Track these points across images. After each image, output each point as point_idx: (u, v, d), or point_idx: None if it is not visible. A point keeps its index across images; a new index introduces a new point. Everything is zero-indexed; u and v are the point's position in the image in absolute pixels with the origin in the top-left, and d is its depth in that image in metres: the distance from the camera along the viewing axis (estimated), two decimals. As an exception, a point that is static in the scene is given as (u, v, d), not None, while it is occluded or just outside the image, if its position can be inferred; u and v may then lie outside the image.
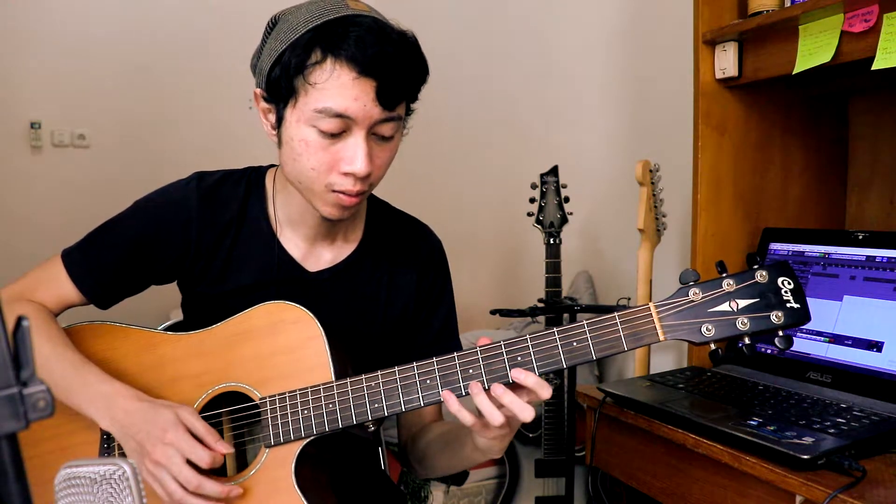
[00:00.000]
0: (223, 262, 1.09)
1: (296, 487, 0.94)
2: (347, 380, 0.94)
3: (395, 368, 0.93)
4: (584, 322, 0.88)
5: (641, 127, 2.38)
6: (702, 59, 1.47)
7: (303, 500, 0.93)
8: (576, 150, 2.56)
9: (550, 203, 2.00)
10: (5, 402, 0.40)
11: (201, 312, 1.09)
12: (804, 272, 1.37)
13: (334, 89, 0.91)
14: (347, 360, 1.01)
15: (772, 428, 1.05)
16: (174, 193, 1.09)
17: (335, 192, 0.97)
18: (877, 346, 1.21)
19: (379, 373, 0.93)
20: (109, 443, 1.02)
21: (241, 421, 1.02)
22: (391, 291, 1.13)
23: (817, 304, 1.30)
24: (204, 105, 2.33)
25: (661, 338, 0.86)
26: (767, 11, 1.35)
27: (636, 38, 2.39)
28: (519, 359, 0.88)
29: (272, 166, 1.14)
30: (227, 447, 0.93)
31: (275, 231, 1.09)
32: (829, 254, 1.34)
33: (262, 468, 0.96)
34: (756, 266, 0.86)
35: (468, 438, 0.99)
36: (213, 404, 1.01)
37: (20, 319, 0.41)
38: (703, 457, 1.11)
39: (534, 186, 2.02)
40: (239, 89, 2.26)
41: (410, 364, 0.92)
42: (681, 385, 1.31)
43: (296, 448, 0.95)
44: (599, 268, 2.58)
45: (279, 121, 0.98)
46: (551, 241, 1.99)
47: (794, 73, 1.28)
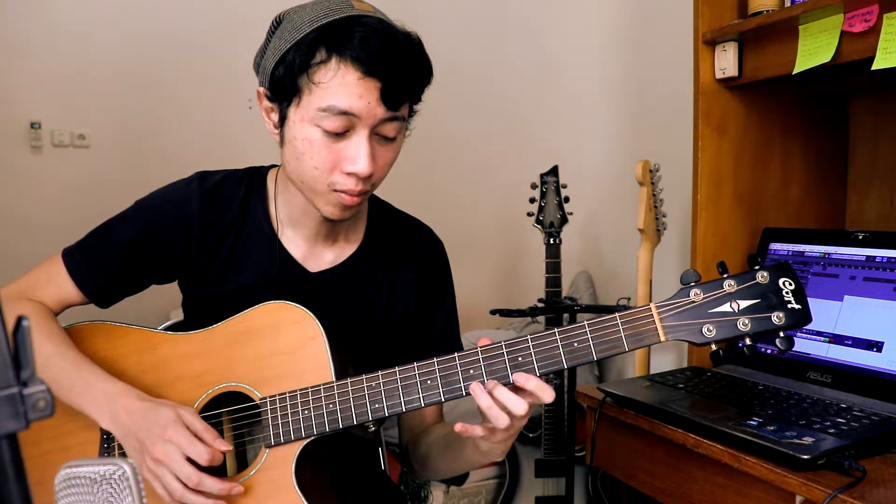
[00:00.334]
0: (224, 262, 1.08)
1: (296, 487, 0.93)
2: (348, 380, 0.94)
3: (396, 369, 0.93)
4: (585, 322, 0.87)
5: (641, 127, 2.37)
6: (702, 59, 1.47)
7: (303, 500, 0.93)
8: (576, 150, 2.56)
9: (550, 203, 2.00)
10: (5, 402, 0.40)
11: (202, 312, 1.09)
12: (804, 272, 1.36)
13: (339, 88, 0.91)
14: (348, 361, 1.01)
15: (772, 428, 1.05)
16: (175, 193, 1.09)
17: (337, 192, 0.97)
18: (877, 346, 1.21)
19: (379, 373, 0.93)
20: (109, 443, 1.02)
21: (241, 421, 1.01)
22: (392, 292, 1.13)
23: (817, 304, 1.30)
24: (204, 105, 2.33)
25: (663, 338, 0.86)
26: (767, 11, 1.35)
27: (636, 38, 2.39)
28: (520, 359, 0.88)
29: (273, 166, 1.14)
30: (226, 444, 0.93)
31: (276, 231, 1.09)
32: (829, 254, 1.34)
33: (262, 468, 0.96)
34: (757, 267, 0.86)
35: (470, 440, 0.99)
36: (213, 404, 1.01)
37: (20, 319, 0.41)
38: (703, 457, 1.11)
39: (534, 186, 2.02)
40: (239, 89, 2.27)
41: (411, 364, 0.92)
42: (681, 385, 1.31)
43: (296, 448, 0.95)
44: (599, 268, 2.58)
45: (282, 120, 0.97)
46: (551, 241, 1.99)
47: (794, 73, 1.28)
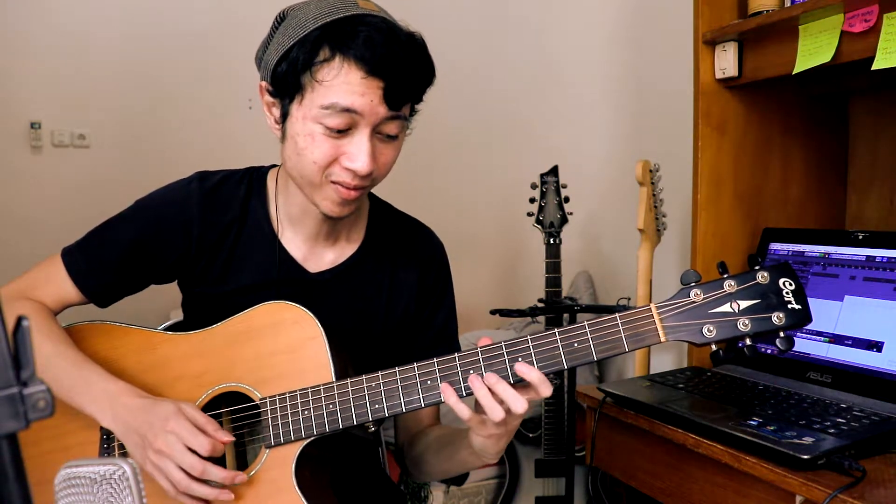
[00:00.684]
0: (224, 262, 1.08)
1: (296, 488, 0.93)
2: (348, 380, 0.94)
3: (396, 369, 0.93)
4: (585, 323, 0.88)
5: (641, 127, 2.37)
6: (702, 59, 1.47)
7: (303, 500, 0.93)
8: (576, 150, 2.56)
9: (550, 203, 2.00)
10: (5, 402, 0.40)
11: (202, 312, 1.09)
12: (804, 272, 1.36)
13: (342, 86, 0.91)
14: (348, 361, 1.01)
15: (772, 428, 1.05)
16: (176, 193, 1.09)
17: (334, 184, 0.97)
18: (877, 346, 1.21)
19: (379, 373, 0.93)
20: (109, 442, 1.02)
21: (241, 421, 1.01)
22: (392, 292, 1.13)
23: (817, 304, 1.30)
24: (204, 105, 2.33)
25: (663, 339, 0.86)
26: (767, 11, 1.35)
27: (636, 38, 2.39)
28: (520, 359, 0.88)
29: (273, 166, 1.14)
30: (227, 435, 0.93)
31: (276, 231, 1.09)
32: (829, 254, 1.34)
33: (262, 468, 0.96)
34: (757, 267, 0.86)
35: (464, 441, 0.99)
36: (213, 404, 1.01)
37: (20, 319, 0.41)
38: (703, 457, 1.11)
39: (534, 186, 2.02)
40: (239, 89, 2.27)
41: (411, 364, 0.92)
42: (681, 385, 1.31)
43: (296, 448, 0.95)
44: (599, 268, 2.58)
45: (284, 116, 0.97)
46: (551, 241, 1.99)
47: (794, 73, 1.28)
